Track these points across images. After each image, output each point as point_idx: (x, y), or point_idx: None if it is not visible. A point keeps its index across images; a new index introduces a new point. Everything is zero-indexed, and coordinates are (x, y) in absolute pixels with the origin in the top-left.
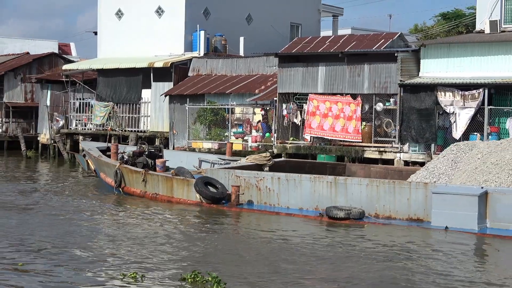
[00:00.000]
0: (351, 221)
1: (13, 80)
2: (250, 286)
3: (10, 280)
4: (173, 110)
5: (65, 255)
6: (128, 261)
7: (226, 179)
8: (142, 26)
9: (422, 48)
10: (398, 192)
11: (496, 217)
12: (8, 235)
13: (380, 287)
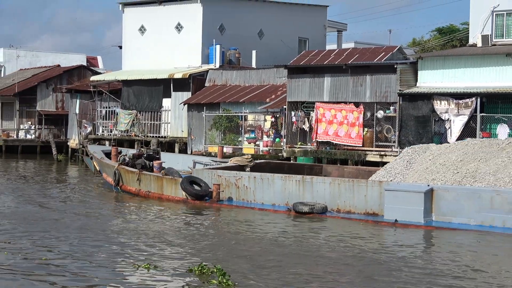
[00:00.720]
0: (315, 215)
1: (45, 90)
2: (253, 278)
3: (36, 272)
4: (191, 117)
5: (80, 250)
6: (139, 254)
7: (209, 178)
8: (163, 41)
9: (419, 60)
10: (357, 189)
11: (440, 211)
12: (26, 229)
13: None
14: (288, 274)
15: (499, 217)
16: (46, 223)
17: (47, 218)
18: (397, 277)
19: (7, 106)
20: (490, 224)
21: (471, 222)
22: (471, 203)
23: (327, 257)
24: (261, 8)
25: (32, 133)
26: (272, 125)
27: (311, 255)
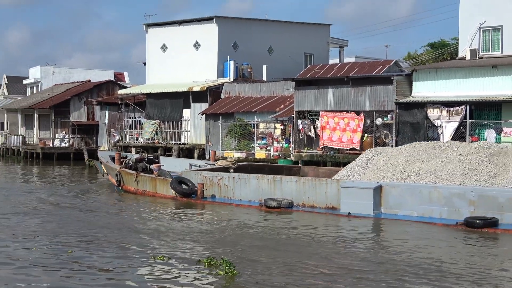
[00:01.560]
0: (282, 209)
1: (78, 103)
2: (258, 269)
3: (62, 264)
4: (209, 126)
5: (98, 245)
6: (152, 248)
7: (196, 178)
8: (183, 57)
9: (414, 72)
10: (318, 187)
11: (388, 205)
12: (42, 228)
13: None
14: (261, 256)
15: (436, 210)
16: (56, 220)
17: (55, 215)
18: (347, 255)
19: (43, 117)
20: (429, 215)
21: (413, 214)
22: (413, 198)
23: (290, 243)
24: (271, 27)
25: (66, 141)
26: (282, 132)
27: (280, 242)
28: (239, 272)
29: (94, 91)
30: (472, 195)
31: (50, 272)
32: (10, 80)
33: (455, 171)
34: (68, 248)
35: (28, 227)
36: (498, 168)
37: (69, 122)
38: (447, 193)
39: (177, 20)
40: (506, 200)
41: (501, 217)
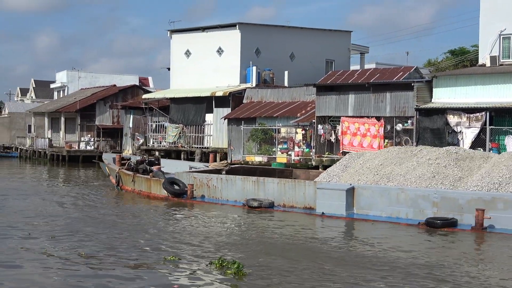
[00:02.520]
0: (263, 209)
1: (103, 107)
2: (266, 269)
3: (75, 265)
4: (231, 130)
5: (109, 245)
6: (161, 249)
7: (187, 179)
8: (206, 63)
9: (434, 79)
10: (297, 188)
11: (360, 206)
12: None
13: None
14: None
15: (403, 210)
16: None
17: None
18: (317, 250)
19: (69, 121)
20: (396, 216)
21: (382, 214)
22: (383, 199)
23: (267, 241)
24: (292, 33)
25: (91, 144)
26: (303, 137)
27: (257, 240)
28: (249, 273)
29: (119, 95)
30: (435, 197)
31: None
32: (37, 85)
33: (423, 174)
34: (77, 247)
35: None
36: (464, 172)
37: (94, 126)
38: (412, 195)
39: (201, 27)
40: (466, 202)
41: (461, 218)
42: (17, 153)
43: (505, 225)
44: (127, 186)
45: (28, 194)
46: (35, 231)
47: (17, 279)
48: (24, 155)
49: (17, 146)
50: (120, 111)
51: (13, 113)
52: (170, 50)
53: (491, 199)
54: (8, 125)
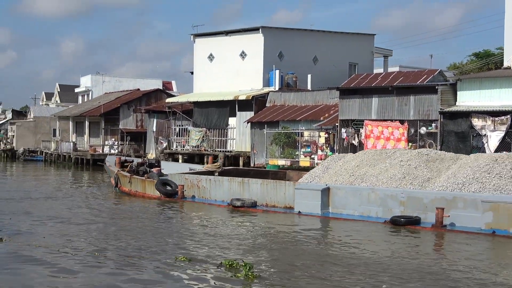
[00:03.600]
0: (246, 208)
1: (127, 111)
2: (277, 271)
3: (89, 263)
4: (254, 134)
5: (120, 245)
6: (169, 249)
7: (179, 180)
8: (229, 67)
9: (458, 82)
10: (278, 188)
11: (335, 205)
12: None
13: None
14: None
15: (373, 209)
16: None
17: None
18: (288, 244)
19: (94, 125)
20: (367, 214)
21: (355, 213)
22: (355, 199)
23: (243, 237)
24: (315, 36)
25: (115, 148)
26: (326, 141)
27: (237, 236)
28: (259, 275)
29: (143, 99)
30: (402, 197)
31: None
32: (62, 89)
33: (394, 175)
34: (92, 249)
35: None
36: (433, 172)
37: (118, 130)
38: (382, 194)
39: (224, 30)
40: (429, 201)
41: (425, 216)
42: (42, 157)
43: (464, 223)
44: (124, 187)
45: (29, 194)
46: (37, 231)
47: (31, 278)
48: (49, 158)
49: (42, 150)
50: (144, 115)
51: (38, 117)
52: (194, 54)
53: (452, 199)
54: (33, 129)
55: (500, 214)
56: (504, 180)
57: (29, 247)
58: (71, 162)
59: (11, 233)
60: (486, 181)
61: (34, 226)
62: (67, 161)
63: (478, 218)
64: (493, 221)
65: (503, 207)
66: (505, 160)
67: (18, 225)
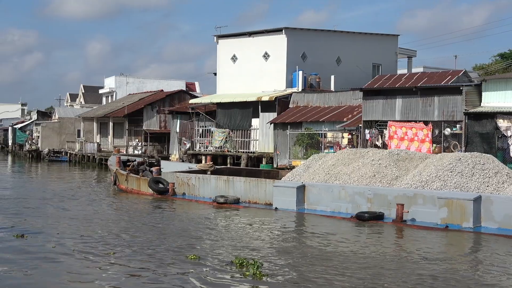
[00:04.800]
0: (228, 205)
1: (151, 112)
2: (283, 268)
3: (104, 262)
4: (277, 135)
5: (130, 245)
6: (177, 248)
7: (171, 178)
8: (252, 68)
9: (483, 82)
10: (260, 186)
11: (309, 201)
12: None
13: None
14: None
15: (343, 205)
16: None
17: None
18: (263, 235)
19: (118, 126)
20: (338, 210)
21: (327, 209)
22: (327, 195)
23: (225, 229)
24: (339, 37)
25: (139, 149)
26: (349, 142)
27: (217, 228)
28: (268, 274)
29: (166, 100)
30: (369, 194)
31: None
32: (86, 90)
33: (365, 173)
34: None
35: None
36: (401, 171)
37: (142, 130)
38: (351, 191)
39: (247, 32)
40: (393, 198)
41: (389, 212)
42: (66, 157)
43: (423, 219)
44: (122, 184)
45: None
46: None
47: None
48: (73, 159)
49: (67, 151)
50: (167, 116)
51: (63, 118)
52: (217, 55)
53: (413, 195)
54: (58, 130)
55: (454, 210)
56: (465, 178)
57: (47, 244)
58: (95, 163)
59: (31, 231)
60: (448, 179)
61: (44, 223)
62: (91, 162)
63: (435, 213)
64: (447, 216)
65: (456, 203)
66: (468, 160)
67: (36, 223)
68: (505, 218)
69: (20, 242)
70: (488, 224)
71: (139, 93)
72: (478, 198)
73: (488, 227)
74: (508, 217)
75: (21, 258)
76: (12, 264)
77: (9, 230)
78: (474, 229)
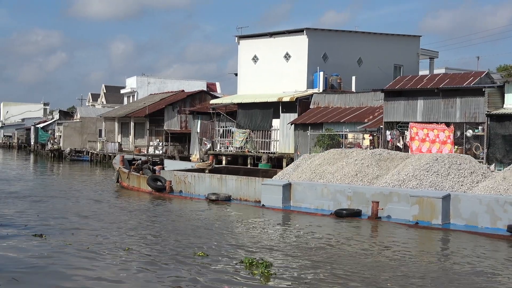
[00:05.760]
0: (220, 202)
1: (171, 112)
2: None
3: (120, 258)
4: (297, 136)
5: (143, 242)
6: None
7: (169, 176)
8: (273, 68)
9: (506, 84)
10: (250, 184)
11: (295, 199)
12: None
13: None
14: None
15: (326, 203)
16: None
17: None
18: (248, 230)
19: (139, 125)
20: (321, 208)
21: (311, 206)
22: (311, 193)
23: (214, 224)
24: (360, 38)
25: (160, 149)
26: (370, 143)
27: (209, 222)
28: (276, 273)
29: (187, 100)
30: (349, 192)
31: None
32: (108, 90)
33: (348, 172)
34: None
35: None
36: (382, 170)
37: (163, 130)
38: (333, 190)
39: (268, 32)
40: (371, 195)
41: (366, 209)
42: (88, 157)
43: (397, 216)
44: (124, 182)
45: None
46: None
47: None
48: (94, 158)
49: (88, 150)
50: (188, 116)
51: (85, 118)
52: (238, 55)
53: (389, 194)
54: (79, 130)
55: (424, 207)
56: (440, 177)
57: (63, 243)
58: None
59: (50, 231)
60: (424, 178)
61: (57, 221)
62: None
63: (407, 211)
64: (419, 213)
65: (426, 201)
66: (445, 160)
67: (53, 222)
68: (471, 216)
69: (39, 242)
70: (456, 221)
71: (160, 93)
72: (447, 196)
73: (456, 224)
74: (474, 215)
75: (40, 257)
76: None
77: (26, 229)
78: (443, 225)
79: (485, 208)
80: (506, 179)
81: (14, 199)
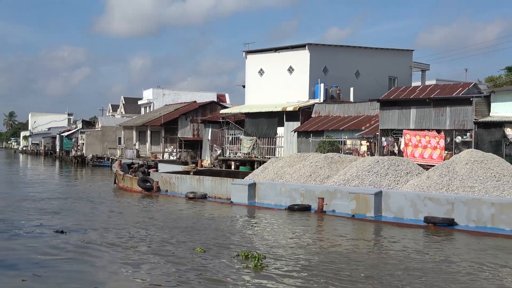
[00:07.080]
0: (197, 199)
1: (184, 121)
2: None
3: (128, 256)
4: (300, 142)
5: (144, 241)
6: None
7: (157, 178)
8: (278, 80)
9: (492, 94)
10: (223, 184)
11: (259, 196)
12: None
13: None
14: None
15: (283, 200)
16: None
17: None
18: (220, 225)
19: (155, 134)
20: (280, 204)
21: (272, 203)
22: (272, 191)
23: (185, 219)
24: (358, 52)
25: (174, 155)
26: (367, 149)
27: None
28: (267, 266)
29: (199, 110)
30: (302, 190)
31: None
32: (126, 101)
33: (304, 173)
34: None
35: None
36: (332, 171)
37: (177, 138)
38: (289, 188)
39: (273, 47)
40: (319, 193)
41: (315, 205)
42: (108, 163)
43: (340, 210)
44: (120, 183)
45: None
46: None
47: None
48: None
49: (109, 156)
50: (200, 125)
51: (105, 127)
52: (245, 69)
53: (334, 191)
54: (100, 138)
55: (360, 203)
56: (379, 177)
57: (78, 240)
58: None
59: (70, 229)
60: (365, 178)
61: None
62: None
63: (347, 205)
64: (356, 208)
65: (362, 197)
66: (385, 162)
67: (71, 221)
68: (398, 210)
69: (61, 237)
70: (387, 214)
71: (174, 104)
72: (379, 193)
73: (386, 217)
74: (401, 209)
75: (62, 251)
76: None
77: (51, 227)
78: (375, 218)
79: (409, 203)
80: (430, 178)
81: (32, 202)
